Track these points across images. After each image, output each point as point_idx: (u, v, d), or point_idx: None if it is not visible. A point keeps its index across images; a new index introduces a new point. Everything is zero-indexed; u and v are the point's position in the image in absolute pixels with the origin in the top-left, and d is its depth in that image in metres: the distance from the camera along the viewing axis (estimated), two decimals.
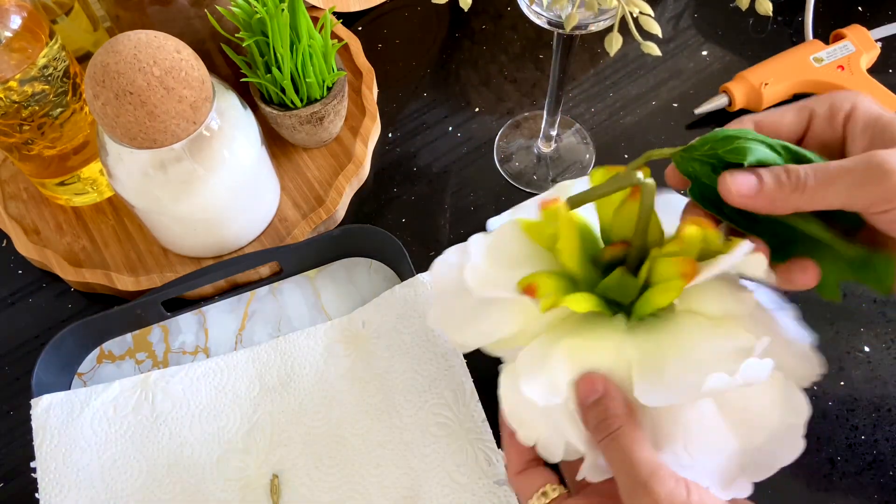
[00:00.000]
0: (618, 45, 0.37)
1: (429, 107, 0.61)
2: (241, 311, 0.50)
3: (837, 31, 0.60)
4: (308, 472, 0.43)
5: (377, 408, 0.45)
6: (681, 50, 0.63)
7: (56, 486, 0.43)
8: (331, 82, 0.53)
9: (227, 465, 0.43)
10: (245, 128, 0.47)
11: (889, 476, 0.44)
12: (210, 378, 0.46)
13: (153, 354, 0.49)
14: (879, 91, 0.56)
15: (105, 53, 0.39)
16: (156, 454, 0.44)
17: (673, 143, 0.58)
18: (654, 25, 0.37)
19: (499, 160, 0.58)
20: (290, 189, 0.55)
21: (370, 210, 0.56)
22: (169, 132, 0.41)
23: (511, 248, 0.35)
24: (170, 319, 0.50)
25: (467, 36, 0.65)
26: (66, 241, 0.53)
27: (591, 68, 0.62)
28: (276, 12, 0.47)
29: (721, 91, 0.58)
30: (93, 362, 0.48)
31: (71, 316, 0.52)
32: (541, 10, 0.42)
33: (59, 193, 0.53)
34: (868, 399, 0.46)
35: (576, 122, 0.59)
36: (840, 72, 0.57)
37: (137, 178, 0.45)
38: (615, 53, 0.38)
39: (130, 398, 0.46)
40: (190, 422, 0.45)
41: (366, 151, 0.56)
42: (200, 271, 0.49)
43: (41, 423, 0.44)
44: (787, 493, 0.43)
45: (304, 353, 0.47)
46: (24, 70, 0.44)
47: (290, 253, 0.50)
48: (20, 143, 0.48)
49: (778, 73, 0.57)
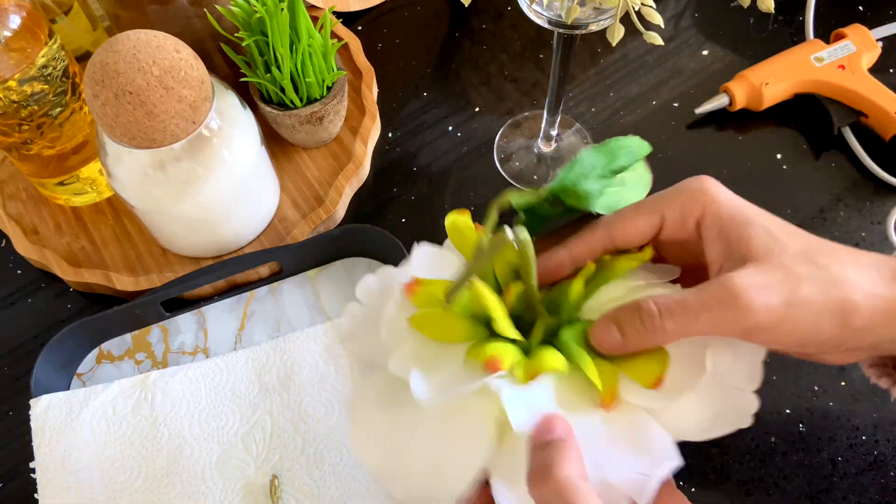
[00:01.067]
0: (619, 36, 0.37)
1: (429, 107, 0.61)
2: (240, 311, 0.50)
3: (838, 31, 0.59)
4: (308, 472, 0.43)
5: None
6: (681, 49, 0.63)
7: (55, 486, 0.43)
8: (330, 82, 0.53)
9: (227, 465, 0.43)
10: (245, 127, 0.47)
11: (890, 476, 0.44)
12: (209, 378, 0.46)
13: (152, 355, 0.48)
14: (880, 91, 0.56)
15: (104, 53, 0.39)
16: (155, 454, 0.44)
17: (673, 142, 0.58)
18: (655, 16, 0.37)
19: (499, 160, 0.58)
20: (290, 189, 0.55)
21: (370, 210, 0.56)
22: (168, 132, 0.41)
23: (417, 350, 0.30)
24: (169, 320, 0.49)
25: (467, 35, 0.65)
26: (66, 241, 0.53)
27: (591, 68, 0.62)
28: (275, 12, 0.47)
29: (722, 91, 0.58)
30: (92, 362, 0.48)
31: (70, 316, 0.51)
32: (541, 10, 0.42)
33: (59, 193, 0.53)
34: (869, 399, 0.46)
35: (576, 122, 0.59)
36: (841, 71, 0.57)
37: (137, 178, 0.45)
38: (616, 44, 0.38)
39: (130, 398, 0.45)
40: (189, 422, 0.45)
41: (366, 151, 0.56)
42: (200, 271, 0.49)
43: (40, 424, 0.44)
44: (788, 492, 0.43)
45: (303, 353, 0.47)
46: (23, 70, 0.44)
47: (289, 253, 0.50)
48: (19, 143, 0.48)
49: (779, 72, 0.57)
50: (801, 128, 0.58)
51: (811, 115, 0.58)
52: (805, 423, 0.45)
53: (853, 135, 0.57)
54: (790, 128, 0.59)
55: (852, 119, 0.57)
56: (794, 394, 0.46)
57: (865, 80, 0.57)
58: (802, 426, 0.45)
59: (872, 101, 0.55)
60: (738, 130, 0.59)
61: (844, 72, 0.57)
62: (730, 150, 0.57)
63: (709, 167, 0.56)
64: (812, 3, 0.62)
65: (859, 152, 0.56)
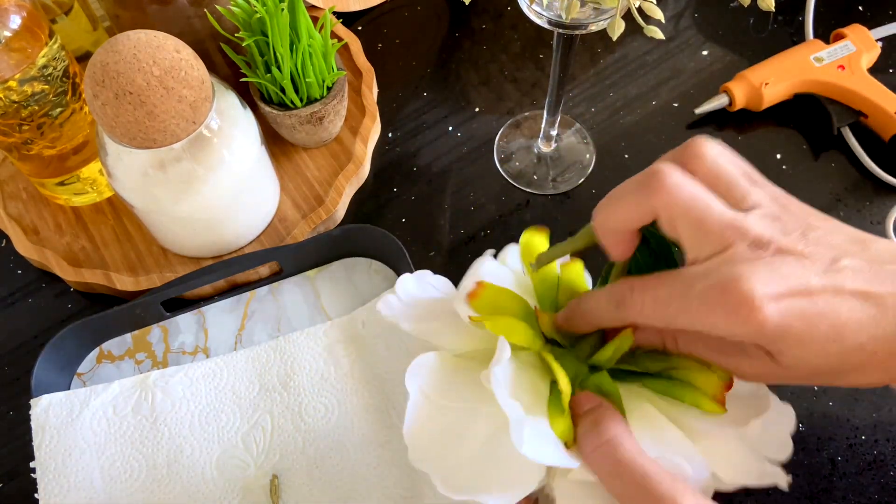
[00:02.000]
0: (620, 30, 0.38)
1: (429, 107, 0.61)
2: (240, 311, 0.50)
3: (838, 31, 0.60)
4: (308, 472, 0.43)
5: (377, 408, 0.45)
6: (681, 50, 0.63)
7: (56, 486, 0.43)
8: (331, 82, 0.53)
9: (227, 465, 0.43)
10: (245, 128, 0.47)
11: (890, 476, 0.44)
12: (210, 378, 0.46)
13: (153, 354, 0.48)
14: (880, 91, 0.56)
15: (104, 53, 0.39)
16: (155, 454, 0.44)
17: (673, 142, 0.58)
18: (656, 11, 0.37)
19: (499, 160, 0.58)
20: (290, 189, 0.55)
21: (370, 210, 0.56)
22: (168, 132, 0.41)
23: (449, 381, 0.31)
24: (169, 319, 0.49)
25: (467, 35, 0.65)
26: (66, 241, 0.53)
27: (591, 68, 0.62)
28: (275, 12, 0.47)
29: (721, 91, 0.58)
30: (92, 362, 0.48)
31: (70, 316, 0.51)
32: (541, 10, 0.42)
33: (59, 193, 0.53)
34: (869, 399, 0.46)
35: (576, 122, 0.59)
36: (841, 71, 0.57)
37: (137, 178, 0.45)
38: (616, 41, 0.38)
39: (130, 398, 0.45)
40: (189, 422, 0.45)
41: (366, 151, 0.56)
42: (200, 271, 0.49)
43: (41, 424, 0.44)
44: (788, 492, 0.43)
45: (303, 353, 0.47)
46: (23, 70, 0.44)
47: (289, 253, 0.50)
48: (19, 143, 0.48)
49: (778, 72, 0.57)
50: (800, 128, 0.59)
51: (811, 116, 0.58)
52: (805, 423, 0.45)
53: (853, 135, 0.57)
54: (790, 128, 0.59)
55: (852, 119, 0.57)
56: (794, 394, 0.46)
57: (865, 81, 0.57)
58: (802, 426, 0.45)
59: (872, 101, 0.55)
60: (737, 130, 0.59)
61: (844, 72, 0.57)
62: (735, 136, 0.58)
63: None
64: (812, 3, 0.63)
65: (859, 152, 0.56)
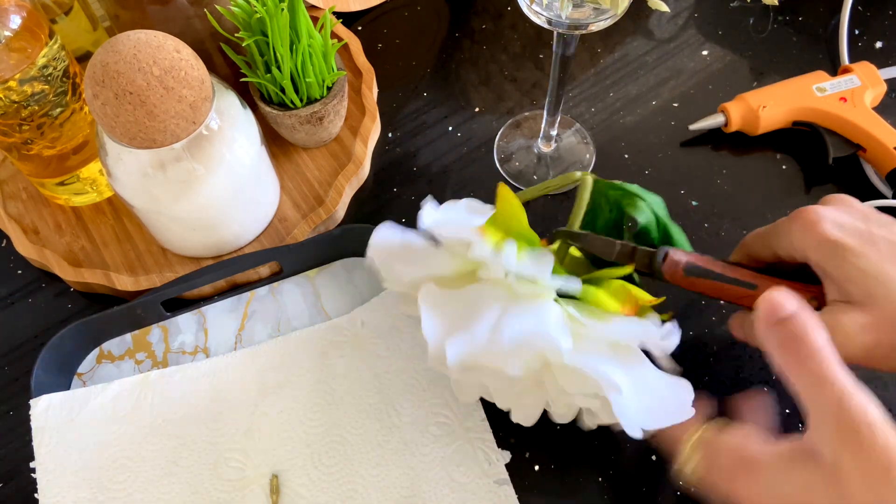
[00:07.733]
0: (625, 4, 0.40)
1: (429, 107, 0.61)
2: (240, 311, 0.50)
3: (845, 66, 0.58)
4: (307, 472, 0.43)
5: (376, 407, 0.45)
6: (681, 50, 0.63)
7: (55, 486, 0.43)
8: (331, 82, 0.53)
9: (227, 465, 0.43)
10: (245, 127, 0.47)
11: None
12: (210, 378, 0.46)
13: (153, 354, 0.48)
14: (881, 125, 0.54)
15: (104, 53, 0.39)
16: (155, 454, 0.44)
17: (673, 142, 0.58)
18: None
19: (499, 160, 0.58)
20: (290, 189, 0.55)
21: (370, 210, 0.56)
22: (168, 132, 0.41)
23: None
24: (169, 319, 0.49)
25: (467, 35, 0.65)
26: (66, 241, 0.53)
27: (591, 68, 0.62)
28: (275, 12, 0.47)
29: (719, 110, 0.57)
30: (92, 362, 0.48)
31: (70, 316, 0.51)
32: (540, 10, 0.42)
33: (59, 193, 0.53)
34: None
35: (576, 122, 0.59)
36: (842, 103, 0.55)
37: (137, 178, 0.45)
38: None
39: (130, 398, 0.46)
40: (190, 422, 0.45)
41: (366, 151, 0.56)
42: (200, 271, 0.49)
43: (40, 424, 0.44)
44: None
45: (303, 353, 0.47)
46: (23, 70, 0.44)
47: (289, 253, 0.50)
48: (20, 143, 0.48)
49: (778, 97, 0.56)
50: (796, 157, 0.57)
51: (806, 147, 0.57)
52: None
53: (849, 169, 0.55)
54: (784, 154, 0.57)
55: (849, 151, 0.55)
56: None
57: (866, 114, 0.55)
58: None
59: (872, 135, 0.53)
60: (731, 152, 0.57)
61: (846, 104, 0.55)
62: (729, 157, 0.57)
63: (709, 166, 0.56)
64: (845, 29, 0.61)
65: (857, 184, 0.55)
